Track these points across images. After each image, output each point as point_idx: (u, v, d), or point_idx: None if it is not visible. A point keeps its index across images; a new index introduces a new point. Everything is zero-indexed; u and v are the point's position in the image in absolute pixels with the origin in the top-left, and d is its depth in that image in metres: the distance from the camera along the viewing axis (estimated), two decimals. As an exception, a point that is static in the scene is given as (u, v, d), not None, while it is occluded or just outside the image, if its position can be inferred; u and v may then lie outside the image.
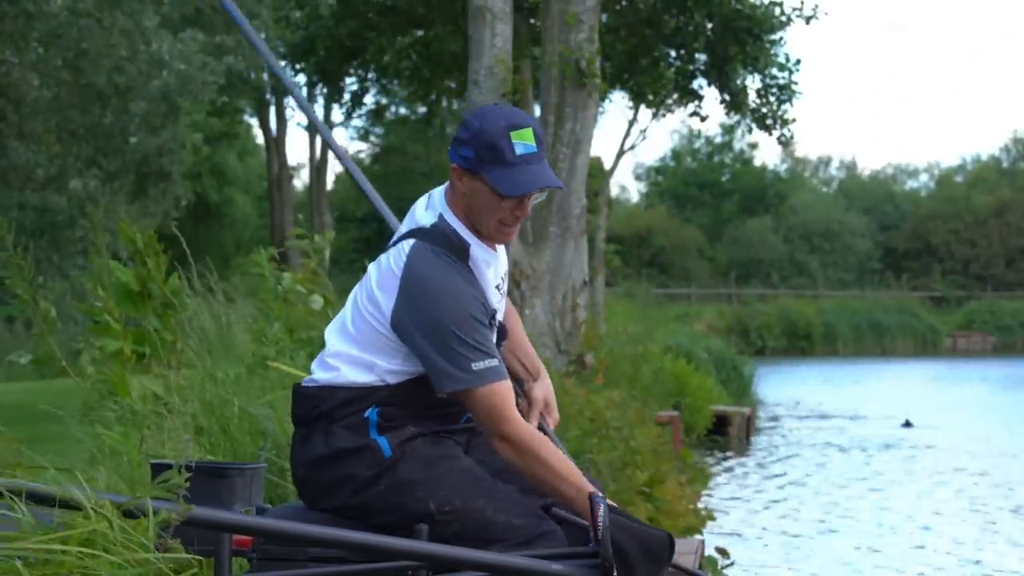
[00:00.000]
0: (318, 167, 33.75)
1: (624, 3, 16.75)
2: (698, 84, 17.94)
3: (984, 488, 11.40)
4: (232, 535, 2.84)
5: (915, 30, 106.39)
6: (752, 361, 21.05)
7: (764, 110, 17.18)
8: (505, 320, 3.29)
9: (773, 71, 17.07)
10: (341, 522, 2.95)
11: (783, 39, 17.22)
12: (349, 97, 26.18)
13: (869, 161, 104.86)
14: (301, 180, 40.84)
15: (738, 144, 53.98)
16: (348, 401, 2.99)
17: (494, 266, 3.12)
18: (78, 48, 15.52)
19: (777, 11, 16.38)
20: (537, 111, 14.72)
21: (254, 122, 35.90)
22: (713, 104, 17.95)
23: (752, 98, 17.19)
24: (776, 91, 17.15)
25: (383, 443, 2.98)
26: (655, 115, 20.17)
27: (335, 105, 32.74)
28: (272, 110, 32.50)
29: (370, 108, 32.75)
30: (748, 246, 48.81)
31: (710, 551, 5.76)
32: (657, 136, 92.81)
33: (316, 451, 3.01)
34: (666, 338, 18.65)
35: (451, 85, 19.88)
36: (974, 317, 41.74)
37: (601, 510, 2.79)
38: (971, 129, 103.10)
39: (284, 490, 4.72)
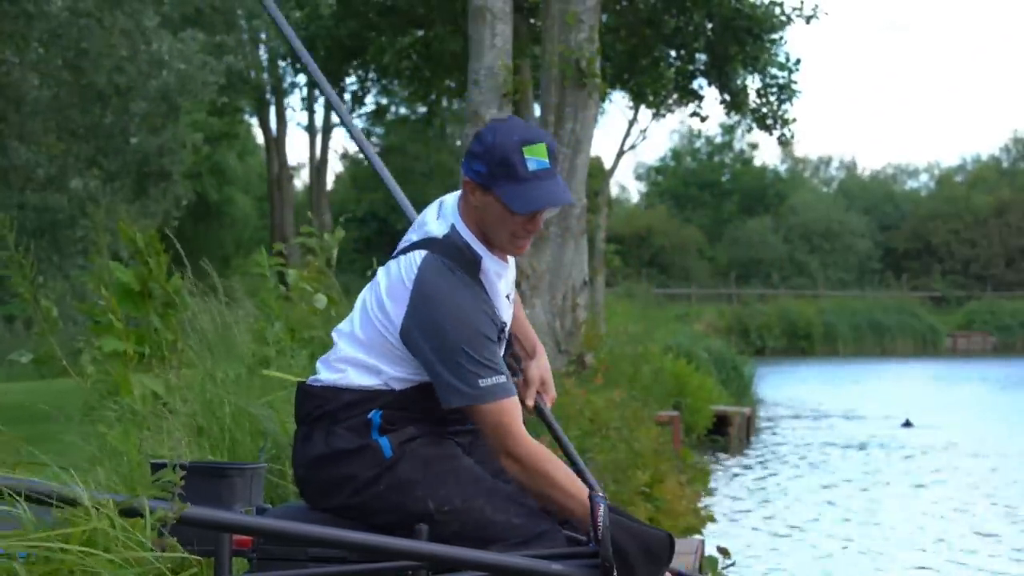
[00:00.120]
0: (318, 167, 33.74)
1: (624, 3, 16.75)
2: (698, 84, 17.95)
3: (984, 488, 11.40)
4: (232, 535, 2.85)
5: (915, 30, 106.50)
6: (752, 361, 21.06)
7: (764, 110, 17.18)
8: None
9: (773, 71, 17.08)
10: (341, 522, 2.95)
11: (783, 39, 17.20)
12: (349, 97, 26.15)
13: (869, 161, 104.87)
14: (301, 180, 40.87)
15: (738, 144, 54.02)
16: (352, 403, 3.00)
17: (505, 277, 3.12)
18: (78, 48, 15.51)
19: (777, 11, 16.38)
20: (537, 111, 14.72)
21: (254, 122, 35.89)
22: (713, 104, 17.98)
23: (752, 98, 17.20)
24: (776, 91, 17.15)
25: (384, 443, 2.98)
26: (655, 115, 20.17)
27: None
28: (272, 110, 32.50)
29: (370, 108, 32.75)
30: (748, 246, 48.81)
31: (710, 551, 5.76)
32: (657, 136, 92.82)
33: (316, 450, 3.02)
34: (666, 338, 18.65)
35: (451, 85, 19.88)
36: (974, 317, 41.74)
37: (601, 510, 2.79)
38: (971, 129, 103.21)
39: (284, 490, 4.71)
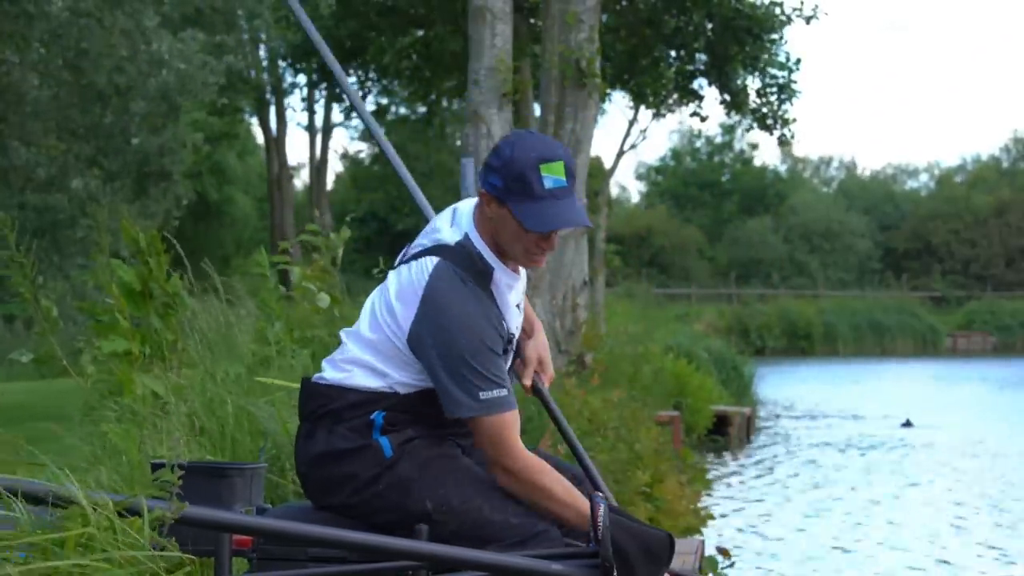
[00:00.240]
0: (318, 167, 33.76)
1: (624, 3, 16.75)
2: (698, 84, 17.94)
3: (984, 488, 11.40)
4: (232, 535, 2.84)
5: (915, 30, 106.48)
6: (752, 361, 21.06)
7: (764, 110, 17.18)
8: None
9: (773, 71, 17.08)
10: (342, 521, 2.96)
11: (783, 39, 17.19)
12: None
13: (869, 161, 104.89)
14: (301, 180, 40.87)
15: (738, 144, 54.01)
16: (356, 404, 3.01)
17: (516, 288, 3.12)
18: (78, 48, 15.50)
19: (777, 11, 16.39)
20: (537, 111, 14.72)
21: (254, 122, 35.89)
22: (713, 104, 17.97)
23: (752, 98, 17.20)
24: (776, 91, 17.15)
25: (384, 443, 2.99)
26: (655, 115, 20.17)
27: (335, 105, 32.81)
28: (272, 110, 32.51)
29: (371, 108, 32.72)
30: (748, 246, 48.81)
31: (710, 551, 5.76)
32: (657, 136, 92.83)
33: (318, 448, 3.03)
34: (666, 338, 18.65)
35: (451, 85, 19.89)
36: (974, 317, 41.74)
37: (601, 510, 2.79)
38: (971, 129, 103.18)
39: (284, 490, 4.71)
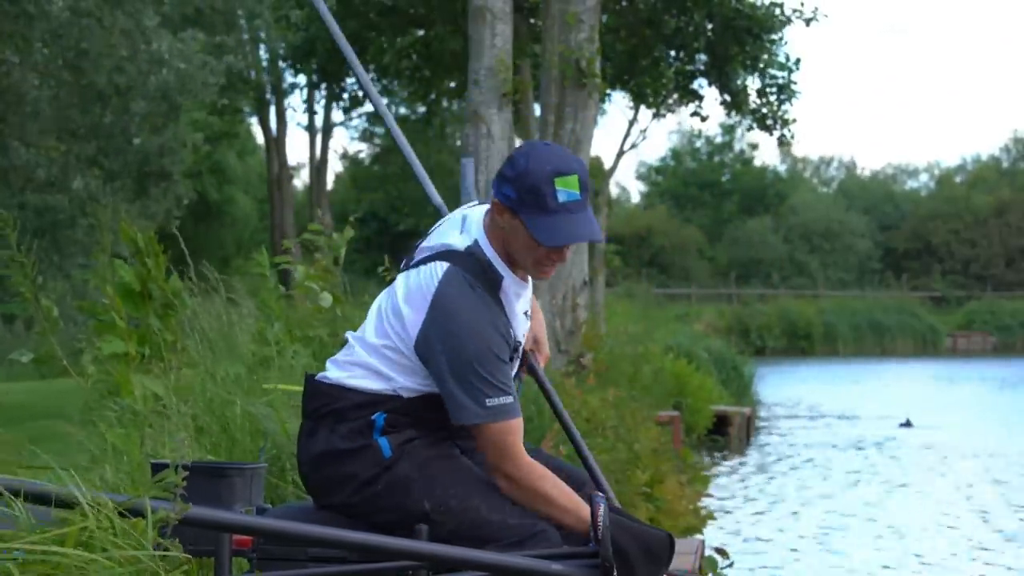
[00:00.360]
0: (318, 167, 33.75)
1: (624, 3, 16.76)
2: (698, 84, 17.95)
3: (983, 488, 11.40)
4: (232, 535, 2.84)
5: (914, 32, 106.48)
6: (752, 361, 21.05)
7: (764, 110, 17.19)
8: None
9: (773, 71, 17.08)
10: (342, 521, 2.96)
11: (783, 39, 17.22)
12: (348, 98, 26.17)
13: (869, 161, 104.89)
14: (301, 180, 40.86)
15: (738, 144, 54.00)
16: (359, 405, 3.01)
17: (523, 296, 3.13)
18: (78, 48, 15.49)
19: (777, 11, 16.40)
20: (537, 111, 14.73)
21: (254, 121, 35.87)
22: (713, 104, 17.98)
23: (752, 98, 17.20)
24: (776, 91, 17.15)
25: (384, 444, 2.99)
26: (655, 115, 20.17)
27: (335, 105, 32.80)
28: (272, 110, 32.50)
29: (371, 109, 32.70)
30: (748, 246, 48.80)
31: (710, 551, 5.76)
32: (657, 136, 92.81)
33: (319, 447, 3.04)
34: (666, 338, 18.64)
35: (451, 85, 19.89)
36: (974, 317, 41.73)
37: (601, 510, 2.79)
38: (971, 129, 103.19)
39: (284, 490, 4.71)
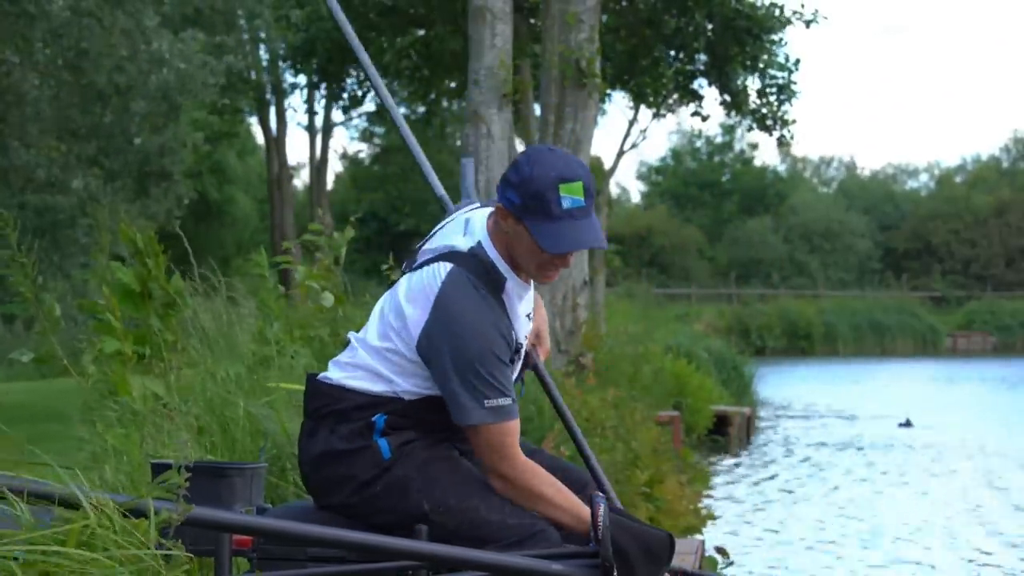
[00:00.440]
0: (318, 167, 33.74)
1: (624, 3, 16.76)
2: (698, 84, 17.95)
3: (983, 488, 11.40)
4: (232, 535, 2.85)
5: (914, 31, 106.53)
6: (752, 361, 21.05)
7: (764, 111, 17.19)
8: None
9: (772, 71, 17.08)
10: (342, 521, 2.96)
11: (783, 40, 17.22)
12: (348, 98, 26.17)
13: (869, 161, 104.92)
14: (301, 180, 40.85)
15: (738, 144, 53.99)
16: (360, 407, 3.02)
17: (526, 298, 3.14)
18: (79, 48, 15.49)
19: (777, 12, 16.40)
20: (537, 111, 14.73)
21: (254, 121, 35.86)
22: (713, 104, 17.99)
23: (752, 99, 17.20)
24: (776, 91, 17.16)
25: (383, 445, 3.00)
26: (655, 115, 20.17)
27: (335, 105, 32.78)
28: (272, 110, 32.48)
29: (371, 108, 32.69)
30: (748, 246, 48.80)
31: (710, 551, 5.77)
32: (657, 136, 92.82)
33: (319, 447, 3.04)
34: (666, 338, 18.64)
35: (451, 85, 19.89)
36: (974, 317, 41.73)
37: (601, 510, 2.79)
38: (971, 129, 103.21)
39: (284, 490, 4.71)
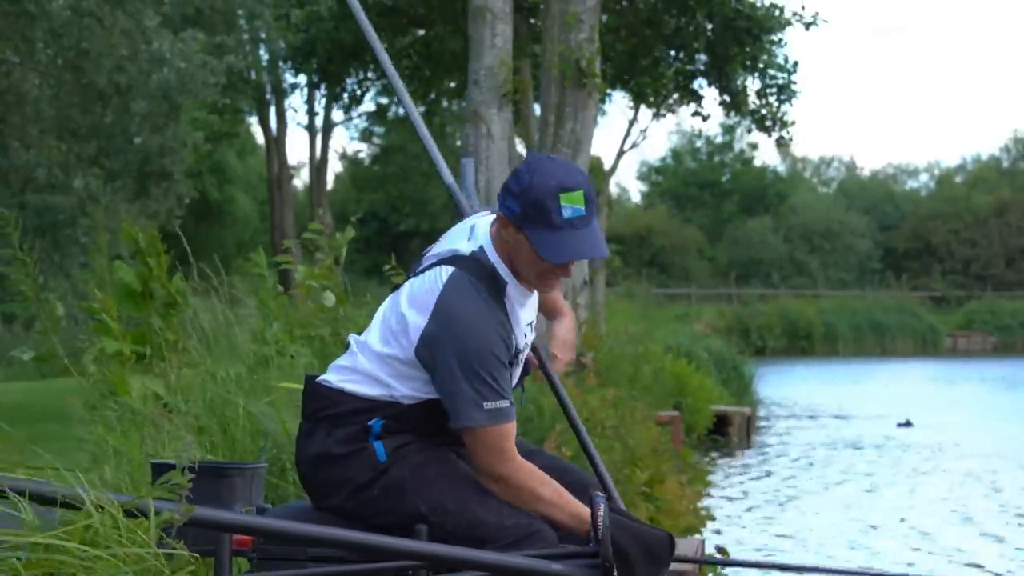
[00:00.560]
0: (318, 167, 33.73)
1: (624, 3, 16.76)
2: (698, 84, 17.95)
3: (984, 488, 11.41)
4: (232, 535, 2.85)
5: (914, 31, 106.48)
6: (752, 361, 21.05)
7: (763, 111, 17.20)
8: None
9: (772, 72, 17.09)
10: (342, 522, 2.97)
11: (783, 41, 17.23)
12: (348, 97, 26.16)
13: (869, 161, 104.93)
14: (301, 180, 40.85)
15: (738, 144, 53.98)
16: (357, 410, 3.02)
17: (528, 307, 3.12)
18: (79, 48, 15.49)
19: (777, 13, 16.41)
20: (537, 111, 14.73)
21: (254, 121, 35.85)
22: (713, 104, 18.01)
23: (752, 99, 17.21)
24: (776, 91, 17.16)
25: (379, 448, 3.00)
26: (655, 115, 20.17)
27: (335, 105, 32.78)
28: (272, 110, 32.48)
29: (371, 108, 32.72)
30: (748, 246, 48.80)
31: (710, 551, 5.77)
32: (657, 136, 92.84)
33: (315, 449, 3.05)
34: (666, 338, 18.64)
35: (451, 85, 19.89)
36: (974, 317, 41.72)
37: (601, 510, 2.79)
38: (971, 129, 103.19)
39: (284, 490, 4.72)
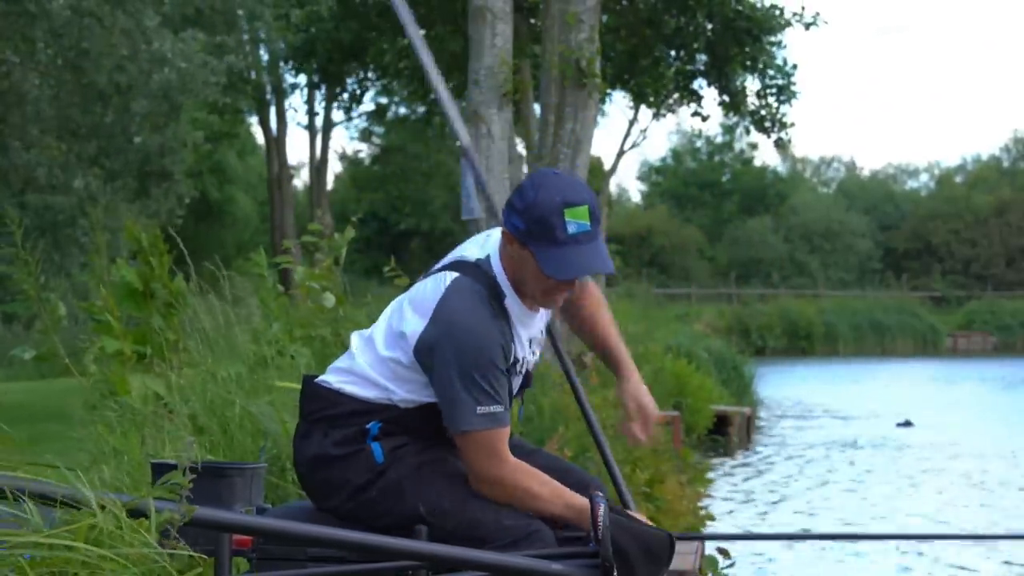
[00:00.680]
0: (318, 167, 33.72)
1: (624, 3, 16.77)
2: (698, 84, 17.96)
3: (984, 488, 11.41)
4: (232, 535, 2.85)
5: (914, 30, 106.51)
6: (752, 361, 21.05)
7: (763, 112, 17.20)
8: (586, 309, 3.33)
9: (772, 72, 17.10)
10: (341, 522, 2.97)
11: (783, 43, 17.28)
12: (348, 97, 26.17)
13: (869, 161, 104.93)
14: (301, 180, 40.84)
15: (738, 144, 53.99)
16: (354, 412, 3.02)
17: (530, 325, 3.09)
18: (79, 48, 15.49)
19: (777, 13, 16.42)
20: (537, 111, 14.73)
21: (254, 121, 35.84)
22: (713, 104, 18.03)
23: (751, 99, 17.21)
24: (775, 92, 17.17)
25: (376, 449, 3.00)
26: (655, 115, 20.18)
27: (335, 105, 32.78)
28: (272, 110, 32.47)
29: (370, 108, 32.70)
30: (748, 246, 48.80)
31: (710, 551, 5.77)
32: (657, 136, 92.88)
33: (312, 450, 3.05)
34: (666, 338, 18.63)
35: (451, 85, 19.89)
36: (974, 317, 41.71)
37: (601, 510, 2.79)
38: (971, 129, 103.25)
39: (284, 490, 4.72)
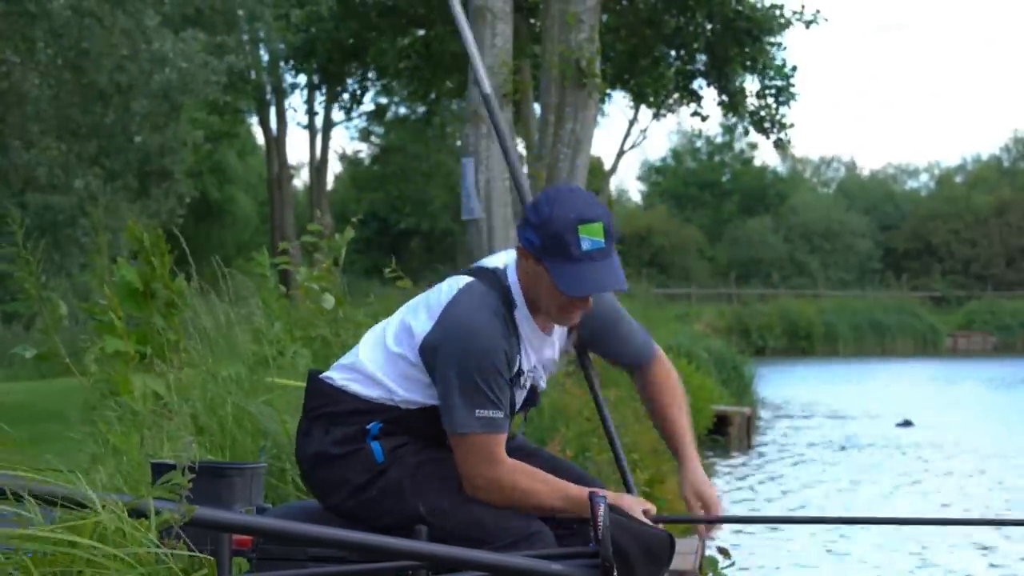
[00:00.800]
0: (318, 167, 33.72)
1: (624, 3, 16.77)
2: (698, 84, 17.97)
3: (983, 488, 11.41)
4: (232, 535, 2.85)
5: (914, 30, 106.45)
6: (752, 361, 21.05)
7: (762, 113, 17.20)
8: (653, 385, 3.28)
9: (771, 73, 17.10)
10: (342, 521, 2.97)
11: (782, 44, 17.29)
12: (348, 97, 26.17)
13: (869, 161, 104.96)
14: (301, 180, 40.84)
15: (738, 144, 54.00)
16: (356, 411, 3.02)
17: (539, 347, 3.08)
18: (79, 47, 15.50)
19: (777, 13, 16.42)
20: (537, 111, 14.73)
21: (254, 121, 35.83)
22: (713, 104, 18.04)
23: (751, 100, 17.21)
24: (774, 92, 17.17)
25: (376, 448, 3.00)
26: (655, 115, 20.18)
27: (335, 105, 32.78)
28: (272, 110, 32.46)
29: (370, 108, 32.69)
30: (748, 246, 48.80)
31: (710, 551, 5.76)
32: (657, 136, 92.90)
33: (312, 448, 3.06)
34: (666, 338, 18.61)
35: (451, 85, 19.91)
36: (974, 317, 41.71)
37: (601, 510, 2.79)
38: (971, 129, 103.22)
39: (284, 490, 4.72)
